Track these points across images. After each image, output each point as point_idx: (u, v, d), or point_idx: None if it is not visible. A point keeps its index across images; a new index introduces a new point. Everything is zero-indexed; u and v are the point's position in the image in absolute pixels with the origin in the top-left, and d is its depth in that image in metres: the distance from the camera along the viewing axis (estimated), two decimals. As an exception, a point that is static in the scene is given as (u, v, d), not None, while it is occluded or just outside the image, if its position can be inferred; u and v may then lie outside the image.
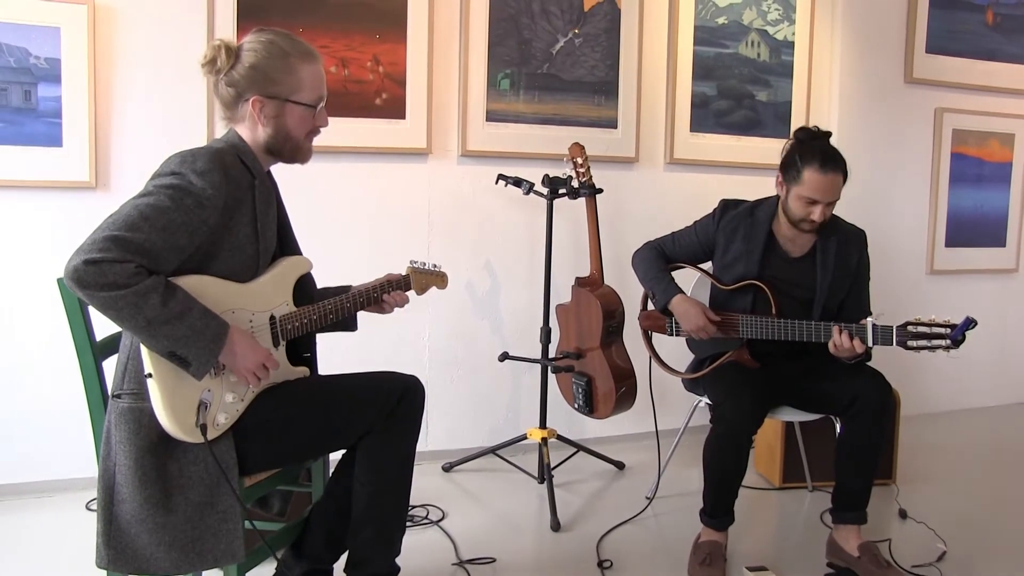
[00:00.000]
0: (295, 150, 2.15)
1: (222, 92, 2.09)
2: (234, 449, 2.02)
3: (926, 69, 4.62)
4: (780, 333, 2.80)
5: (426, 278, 2.55)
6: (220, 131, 3.30)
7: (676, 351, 3.29)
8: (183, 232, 1.87)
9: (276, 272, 2.14)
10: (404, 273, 2.47)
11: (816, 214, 2.76)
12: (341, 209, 3.63)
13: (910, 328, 2.59)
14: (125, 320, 1.78)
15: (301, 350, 2.27)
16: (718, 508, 2.81)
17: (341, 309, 2.25)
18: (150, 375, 1.88)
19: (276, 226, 2.16)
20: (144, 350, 1.87)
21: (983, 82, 4.79)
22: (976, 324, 2.50)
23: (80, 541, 2.85)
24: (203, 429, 1.93)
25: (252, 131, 2.10)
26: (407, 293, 2.43)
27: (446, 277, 2.63)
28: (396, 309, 2.41)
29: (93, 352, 2.08)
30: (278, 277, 2.15)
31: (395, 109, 3.66)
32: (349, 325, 2.44)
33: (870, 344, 2.64)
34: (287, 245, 2.25)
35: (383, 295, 2.36)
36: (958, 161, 4.77)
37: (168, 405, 1.89)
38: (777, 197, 2.95)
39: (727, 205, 3.04)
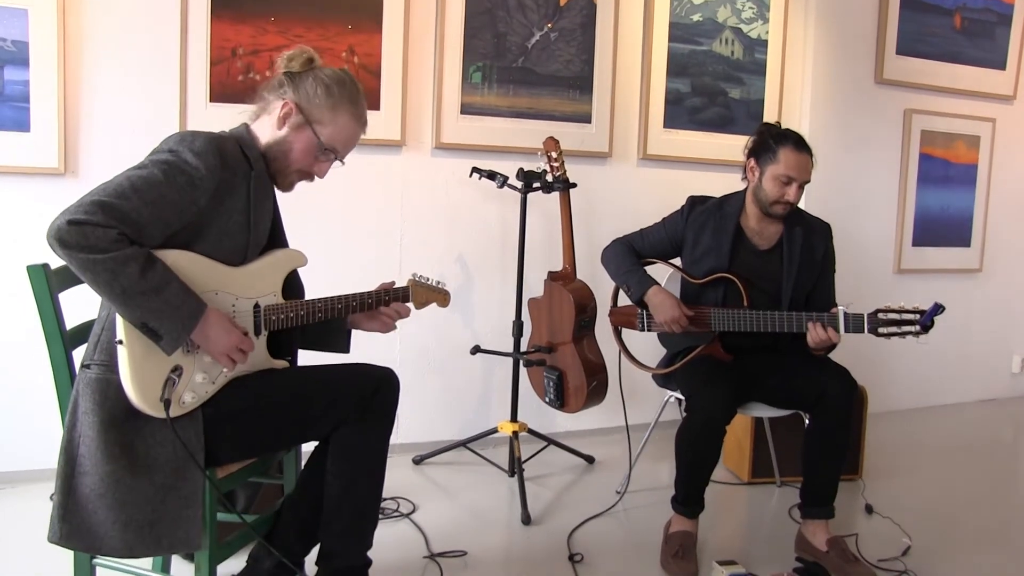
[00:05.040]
0: (282, 169, 2.15)
1: (274, 81, 2.14)
2: (203, 436, 1.99)
3: (896, 70, 4.67)
4: (752, 324, 2.82)
5: (428, 293, 2.47)
6: (192, 117, 3.33)
7: (646, 347, 3.30)
8: (171, 208, 1.88)
9: (268, 261, 2.14)
10: (405, 284, 2.41)
11: (791, 194, 2.83)
12: (312, 200, 3.57)
13: (880, 315, 2.63)
14: (101, 286, 1.78)
15: (283, 352, 2.23)
16: (690, 495, 2.83)
17: (331, 310, 2.23)
18: (120, 342, 1.86)
19: (270, 221, 2.16)
20: (119, 318, 1.86)
21: (950, 84, 4.85)
22: (944, 309, 2.56)
23: (43, 532, 2.79)
24: (166, 404, 1.90)
25: (264, 130, 2.12)
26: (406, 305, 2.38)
27: (449, 296, 2.54)
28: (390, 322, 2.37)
29: (63, 341, 2.04)
30: (269, 267, 2.14)
31: (369, 100, 3.58)
32: (340, 344, 2.41)
33: (843, 332, 2.68)
34: (277, 242, 2.24)
35: (379, 304, 2.32)
36: (926, 162, 4.83)
37: (135, 374, 1.88)
38: (742, 192, 2.98)
39: (695, 201, 3.08)
